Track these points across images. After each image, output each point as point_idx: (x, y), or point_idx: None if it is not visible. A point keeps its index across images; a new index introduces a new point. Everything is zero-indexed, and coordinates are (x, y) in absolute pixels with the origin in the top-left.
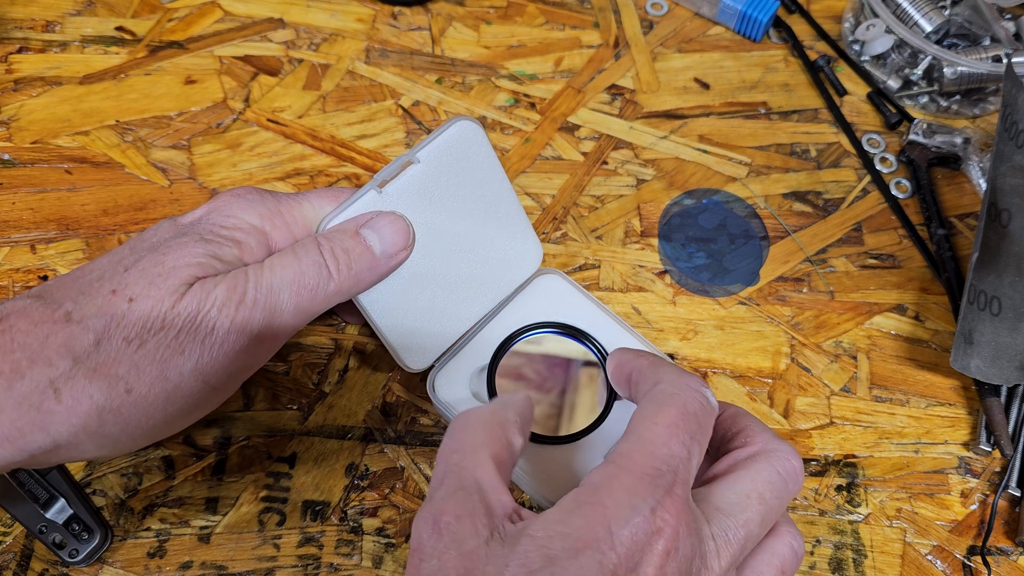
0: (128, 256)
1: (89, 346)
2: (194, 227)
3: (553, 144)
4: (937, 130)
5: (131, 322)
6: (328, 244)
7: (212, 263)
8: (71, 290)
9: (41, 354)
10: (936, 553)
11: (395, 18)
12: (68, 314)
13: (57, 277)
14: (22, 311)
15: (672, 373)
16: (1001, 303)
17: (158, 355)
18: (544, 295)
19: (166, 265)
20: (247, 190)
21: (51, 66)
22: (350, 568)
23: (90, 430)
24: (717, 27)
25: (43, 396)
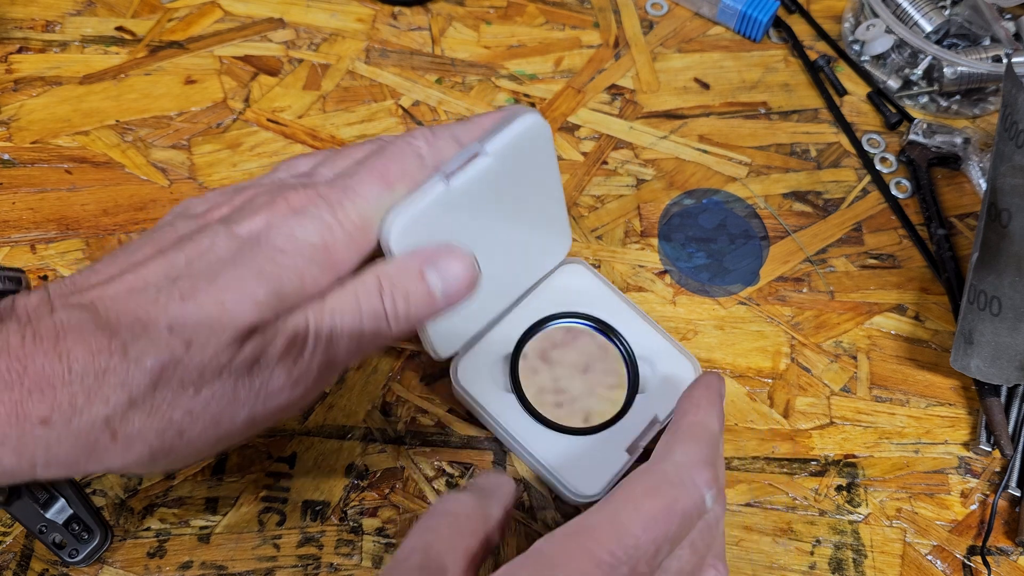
0: (184, 276)
1: (146, 388)
2: (253, 250)
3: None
4: (937, 130)
5: (188, 368)
6: (390, 289)
7: (272, 303)
8: (126, 312)
9: (98, 390)
10: (936, 553)
11: (395, 18)
12: (125, 348)
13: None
14: (78, 333)
15: (689, 453)
16: (1001, 303)
17: (212, 403)
18: (567, 284)
19: (226, 306)
20: (298, 197)
21: (51, 66)
22: (350, 568)
23: (140, 464)
24: (717, 27)
25: (99, 433)
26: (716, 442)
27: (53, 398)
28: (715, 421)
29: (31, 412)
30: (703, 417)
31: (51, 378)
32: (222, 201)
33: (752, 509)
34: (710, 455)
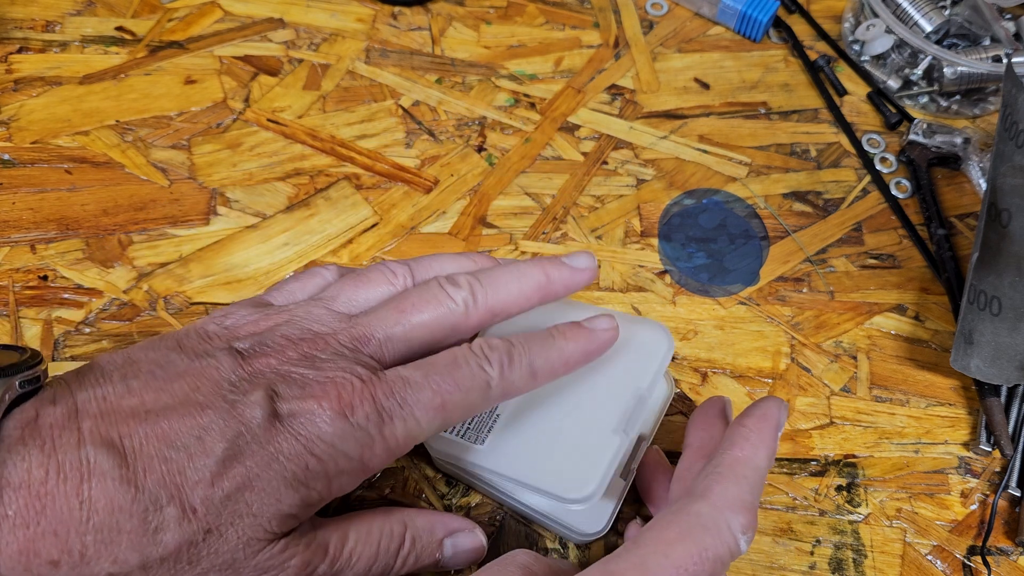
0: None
1: (156, 558)
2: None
3: (553, 144)
4: (937, 130)
5: (201, 554)
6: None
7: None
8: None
9: (110, 548)
10: (936, 553)
11: (395, 18)
12: (146, 514)
13: (132, 409)
14: (103, 481)
15: (727, 494)
16: (1001, 303)
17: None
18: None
19: (252, 508)
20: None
21: (51, 66)
22: None
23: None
24: (717, 27)
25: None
26: (760, 481)
27: (66, 542)
28: (763, 458)
29: (42, 552)
30: (750, 452)
31: (68, 523)
32: (267, 343)
33: None
34: (750, 497)
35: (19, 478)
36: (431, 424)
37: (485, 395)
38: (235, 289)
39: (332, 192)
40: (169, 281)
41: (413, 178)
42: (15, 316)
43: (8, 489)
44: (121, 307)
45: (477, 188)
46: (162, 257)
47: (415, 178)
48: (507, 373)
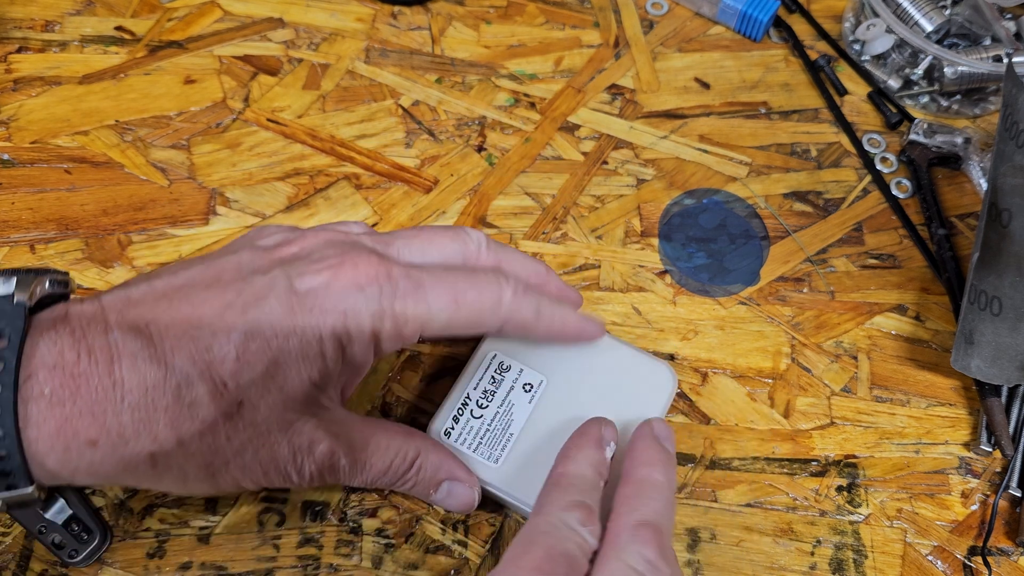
0: (238, 327)
1: (193, 433)
2: (306, 318)
3: (553, 144)
4: (938, 130)
5: (236, 427)
6: (414, 477)
7: (318, 383)
8: (181, 348)
9: (148, 427)
10: (937, 553)
11: (395, 18)
12: (179, 390)
13: (167, 296)
14: (132, 360)
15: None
16: (1002, 303)
17: (247, 459)
18: None
19: (277, 381)
20: (366, 269)
21: (50, 66)
22: (350, 568)
23: (172, 488)
24: (717, 27)
25: (141, 462)
26: (583, 487)
27: (103, 423)
28: (585, 466)
29: (80, 432)
30: (570, 467)
31: (103, 403)
32: (293, 238)
33: (752, 509)
34: (578, 498)
35: (52, 359)
36: (441, 313)
37: (496, 309)
38: None
39: (332, 192)
40: None
41: (413, 178)
42: None
43: (43, 369)
44: None
45: (477, 188)
46: (162, 257)
47: (415, 178)
48: (519, 299)
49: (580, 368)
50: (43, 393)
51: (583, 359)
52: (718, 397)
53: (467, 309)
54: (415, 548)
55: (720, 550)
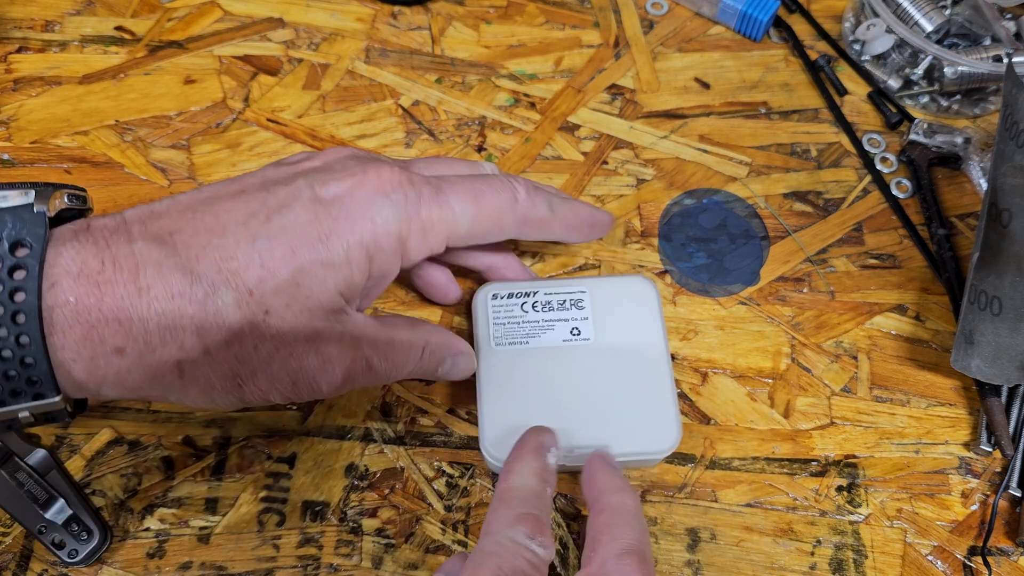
0: (262, 234)
1: (220, 341)
2: (332, 225)
3: (553, 144)
4: (938, 130)
5: (263, 335)
6: (419, 357)
7: (344, 291)
8: (206, 257)
9: (174, 334)
10: (937, 553)
11: (395, 18)
12: (205, 297)
13: (191, 208)
14: (158, 269)
15: (501, 519)
16: (1002, 303)
17: (275, 369)
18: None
19: (303, 290)
20: (391, 177)
21: (50, 66)
22: (350, 568)
23: (199, 402)
24: (717, 27)
25: (168, 371)
26: (526, 499)
27: (129, 331)
28: (529, 476)
29: (107, 340)
30: (514, 480)
31: (129, 311)
32: (316, 155)
33: (752, 509)
34: (522, 510)
35: (76, 267)
36: (464, 216)
37: (513, 206)
38: None
39: None
40: None
41: None
42: None
43: (67, 277)
44: None
45: None
46: None
47: None
48: (532, 196)
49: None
50: (68, 301)
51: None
52: (718, 397)
53: (488, 209)
54: (415, 548)
55: (720, 550)
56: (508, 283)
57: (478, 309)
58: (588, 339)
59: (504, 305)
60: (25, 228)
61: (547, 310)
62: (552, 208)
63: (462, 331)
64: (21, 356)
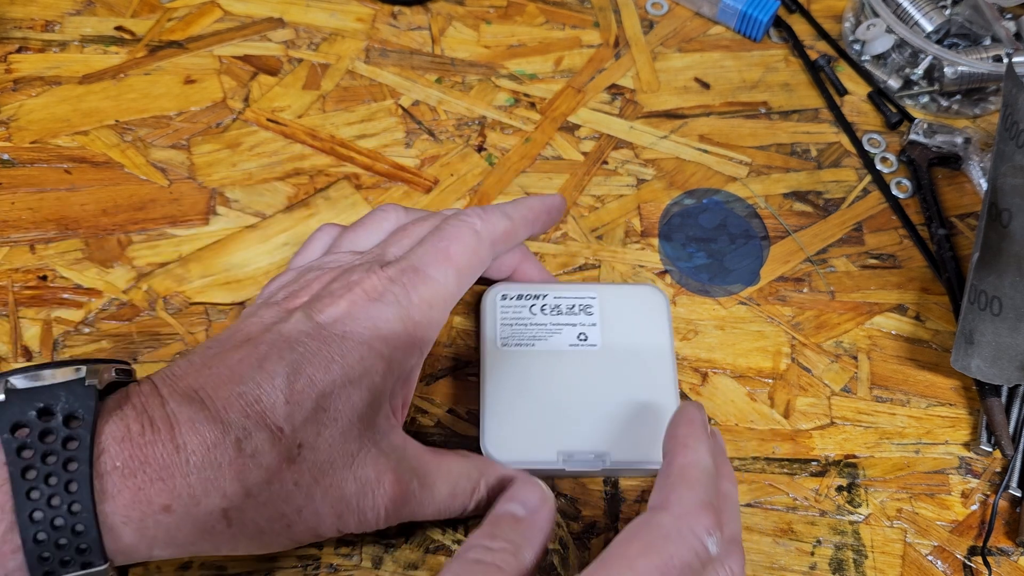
0: (279, 372)
1: (261, 483)
2: (340, 346)
3: (553, 144)
4: (938, 130)
5: (300, 470)
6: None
7: (370, 404)
8: (232, 404)
9: (216, 483)
10: (937, 553)
11: (395, 18)
12: (239, 443)
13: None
14: (191, 424)
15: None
16: (1002, 303)
17: (318, 502)
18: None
19: (330, 414)
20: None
21: (50, 66)
22: (350, 568)
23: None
24: (717, 27)
25: (216, 521)
26: (711, 480)
27: (173, 487)
28: (706, 455)
29: (154, 499)
30: (692, 456)
31: (171, 468)
32: (298, 288)
33: (752, 509)
34: (706, 497)
35: (120, 433)
36: (447, 276)
37: (477, 239)
38: (234, 289)
39: (332, 192)
40: (168, 281)
41: (413, 178)
42: (15, 316)
43: (113, 443)
44: (120, 307)
45: (477, 188)
46: (161, 257)
47: (415, 178)
48: (486, 219)
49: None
50: (115, 466)
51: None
52: (718, 397)
53: (461, 257)
54: (415, 548)
55: None
56: (518, 284)
57: (486, 308)
58: (595, 345)
59: (512, 306)
60: (78, 401)
61: (555, 314)
62: (508, 216)
63: (462, 330)
64: (73, 524)
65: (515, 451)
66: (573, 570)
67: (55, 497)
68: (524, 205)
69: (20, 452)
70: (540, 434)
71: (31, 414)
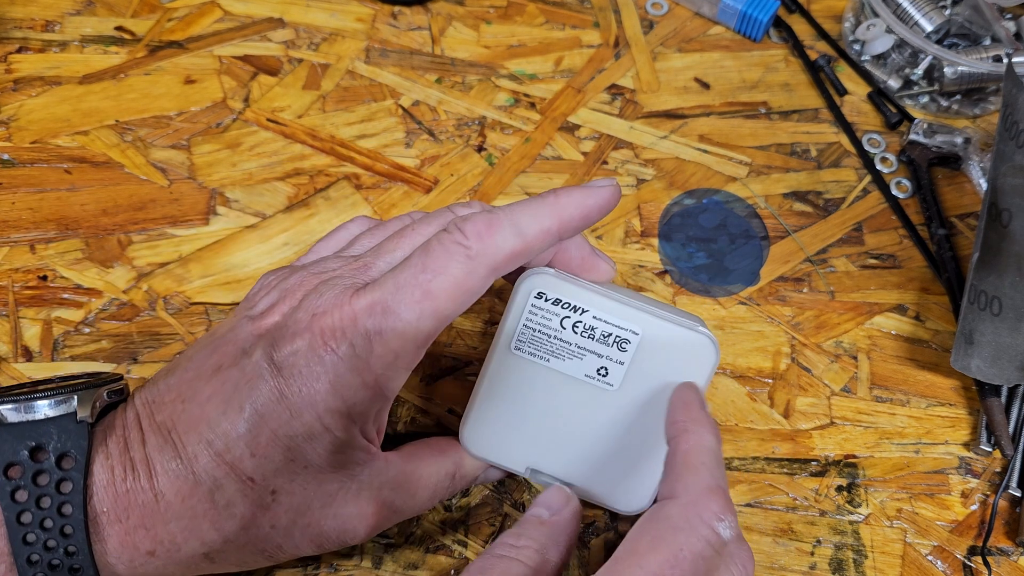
0: (241, 423)
1: (237, 530)
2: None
3: (553, 144)
4: (938, 130)
5: (276, 515)
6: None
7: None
8: (201, 453)
9: (194, 531)
10: (936, 553)
11: (395, 18)
12: (211, 494)
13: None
14: (165, 474)
15: (691, 486)
16: (1002, 303)
17: (298, 538)
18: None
19: (298, 463)
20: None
21: (51, 66)
22: (350, 568)
23: (235, 570)
24: (717, 27)
25: (200, 561)
26: (718, 461)
27: (155, 535)
28: (709, 436)
29: (139, 544)
30: (694, 440)
31: (152, 517)
32: (278, 298)
33: (752, 509)
34: (714, 480)
35: (105, 479)
36: (423, 315)
37: (468, 266)
38: (234, 289)
39: (332, 192)
40: (169, 281)
41: (413, 178)
42: (15, 316)
43: (100, 488)
44: (121, 307)
45: (477, 188)
46: (162, 257)
47: (415, 178)
48: (488, 239)
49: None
50: (103, 511)
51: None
52: (718, 397)
53: (443, 294)
54: (415, 548)
55: None
56: (563, 282)
57: (516, 299)
58: (611, 385)
59: (544, 309)
60: (70, 440)
61: (586, 337)
62: (521, 233)
63: (463, 330)
64: (70, 565)
65: (488, 449)
66: (573, 569)
67: (51, 540)
68: (548, 215)
69: (14, 496)
70: (518, 443)
71: (23, 453)
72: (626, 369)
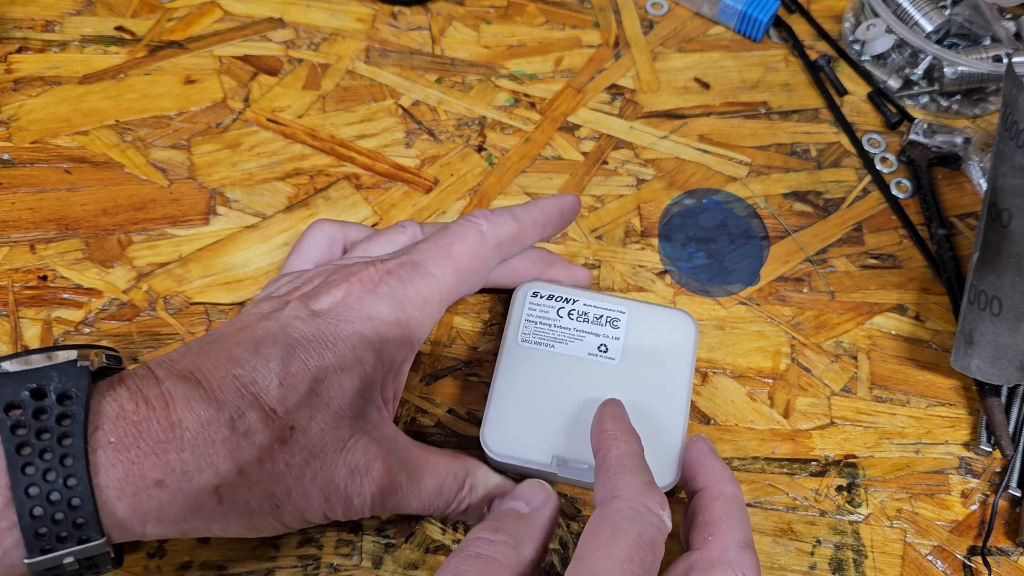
0: (275, 355)
1: (253, 461)
2: (335, 329)
3: (553, 144)
4: (937, 130)
5: (292, 451)
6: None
7: (361, 392)
8: (228, 385)
9: (209, 459)
10: (936, 553)
11: (395, 18)
12: (233, 421)
13: (204, 348)
14: (186, 402)
15: (632, 485)
16: (1002, 303)
17: (307, 485)
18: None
19: (322, 399)
20: (373, 275)
21: (51, 66)
22: (350, 568)
23: (237, 529)
24: (717, 27)
25: (208, 498)
26: (642, 463)
27: (167, 462)
28: (636, 445)
29: (147, 474)
30: (625, 447)
31: (165, 444)
32: (300, 283)
33: (752, 509)
34: (647, 477)
35: (114, 411)
36: (446, 273)
37: (482, 238)
38: (234, 289)
39: (332, 192)
40: (169, 281)
41: (413, 178)
42: (15, 316)
43: (107, 421)
44: (121, 307)
45: (477, 188)
46: (162, 257)
47: (415, 178)
48: (493, 221)
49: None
50: (109, 441)
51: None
52: (718, 397)
53: (463, 256)
54: (415, 548)
55: None
56: (552, 285)
57: (515, 302)
58: (613, 359)
59: (541, 304)
60: (71, 381)
61: (582, 320)
62: (517, 219)
63: (463, 330)
64: (69, 497)
65: (511, 447)
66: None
67: (50, 472)
68: (535, 207)
69: (15, 430)
70: (540, 435)
71: (24, 394)
72: (623, 344)
